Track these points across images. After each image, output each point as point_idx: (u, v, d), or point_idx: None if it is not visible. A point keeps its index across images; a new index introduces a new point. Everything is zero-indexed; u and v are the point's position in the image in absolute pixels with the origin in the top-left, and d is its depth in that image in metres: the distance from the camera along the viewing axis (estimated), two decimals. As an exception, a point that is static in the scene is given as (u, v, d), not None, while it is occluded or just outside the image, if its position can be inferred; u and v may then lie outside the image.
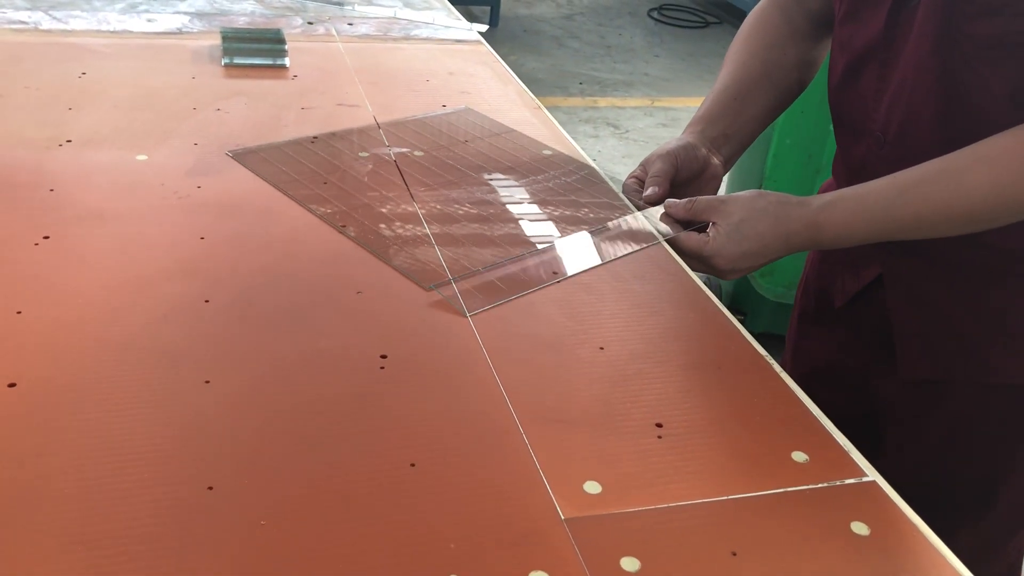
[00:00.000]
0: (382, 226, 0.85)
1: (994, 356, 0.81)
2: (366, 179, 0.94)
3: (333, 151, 0.99)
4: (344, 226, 0.84)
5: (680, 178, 0.93)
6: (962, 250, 0.79)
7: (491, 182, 0.96)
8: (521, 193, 0.95)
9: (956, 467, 0.84)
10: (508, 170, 0.99)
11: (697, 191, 0.93)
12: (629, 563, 0.52)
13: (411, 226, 0.85)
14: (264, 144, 0.99)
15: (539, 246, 0.84)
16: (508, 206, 0.91)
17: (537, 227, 0.88)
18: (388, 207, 0.89)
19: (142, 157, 0.94)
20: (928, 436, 0.85)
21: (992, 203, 0.73)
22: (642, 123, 3.78)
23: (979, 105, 0.73)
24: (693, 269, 0.83)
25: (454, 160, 1.00)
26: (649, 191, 0.90)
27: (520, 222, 0.89)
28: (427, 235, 0.84)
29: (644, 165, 0.94)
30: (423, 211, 0.88)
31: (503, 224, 0.88)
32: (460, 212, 0.89)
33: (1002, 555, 0.87)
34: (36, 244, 0.77)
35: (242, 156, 0.96)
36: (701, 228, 0.85)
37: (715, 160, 0.95)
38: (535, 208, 0.92)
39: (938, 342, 0.83)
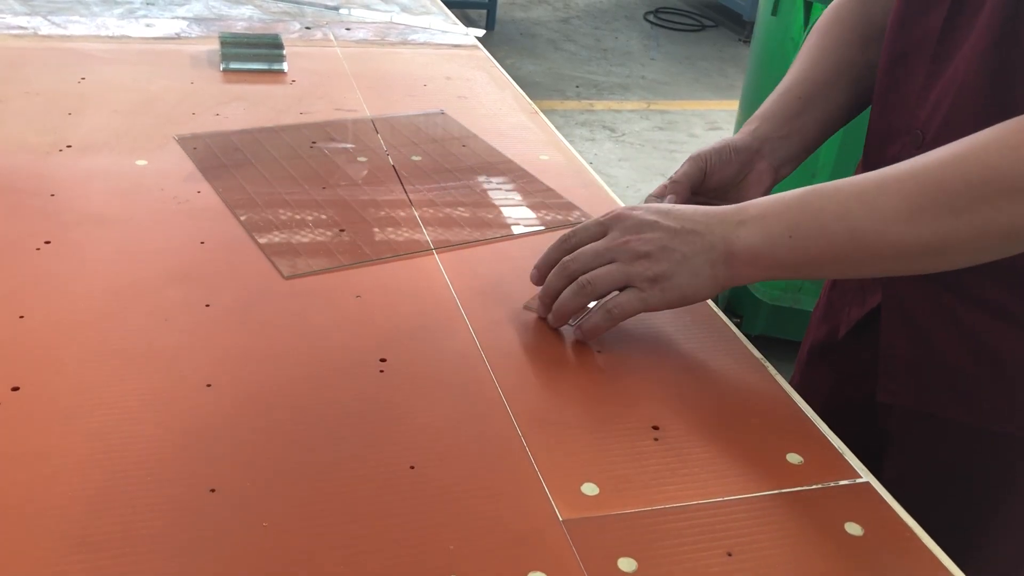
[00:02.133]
0: (376, 230, 0.85)
1: (986, 398, 0.75)
2: (362, 190, 0.94)
3: (329, 158, 1.00)
4: (342, 230, 0.85)
5: (712, 183, 0.84)
6: (978, 285, 0.73)
7: (486, 187, 0.97)
8: (515, 196, 0.95)
9: (943, 513, 0.78)
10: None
11: (738, 197, 0.82)
12: (626, 563, 0.52)
13: (407, 230, 0.86)
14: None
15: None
16: (502, 209, 0.92)
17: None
18: (385, 211, 0.89)
19: (142, 162, 0.95)
20: (921, 475, 0.81)
21: (901, 241, 0.63)
22: (639, 126, 3.80)
23: None
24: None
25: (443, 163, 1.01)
26: (667, 200, 0.80)
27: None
28: (417, 221, 0.85)
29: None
30: (421, 217, 0.89)
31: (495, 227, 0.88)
32: (455, 215, 0.90)
33: None
34: (37, 249, 0.78)
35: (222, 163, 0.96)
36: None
37: (762, 164, 0.85)
38: (528, 211, 0.93)
39: (926, 373, 0.78)
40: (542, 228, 0.89)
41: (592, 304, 0.71)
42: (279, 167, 0.96)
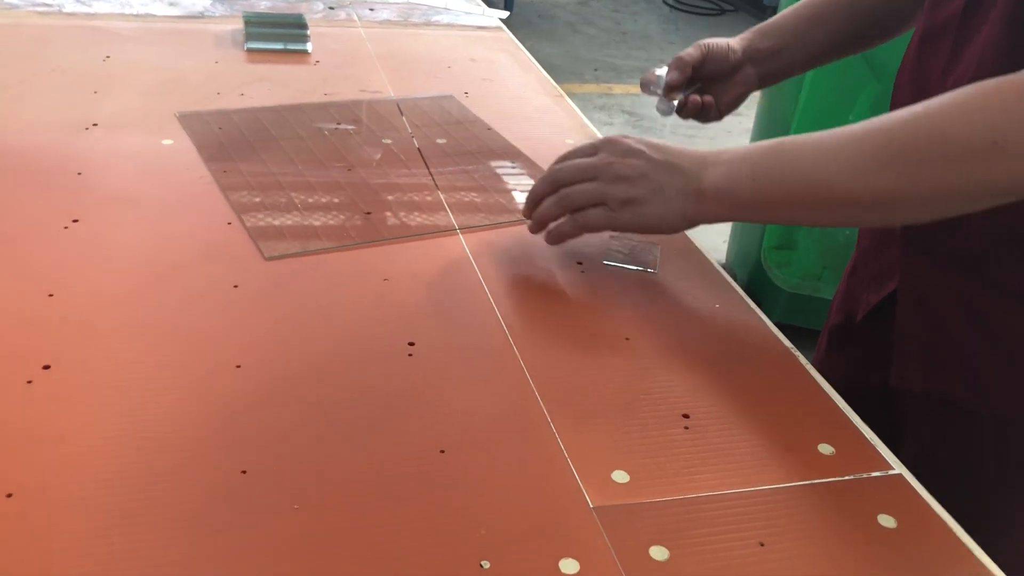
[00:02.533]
0: (401, 213, 0.85)
1: (998, 383, 0.75)
2: (386, 173, 0.94)
3: (353, 140, 1.00)
4: (368, 213, 0.85)
5: (707, 70, 0.92)
6: (995, 269, 0.74)
7: (509, 173, 0.96)
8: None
9: (959, 500, 0.80)
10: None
11: (721, 92, 0.94)
12: (658, 552, 0.52)
13: (432, 214, 0.86)
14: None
15: None
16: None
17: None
18: (407, 197, 0.89)
19: (168, 142, 0.95)
20: (937, 462, 0.81)
21: (847, 192, 0.65)
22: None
23: None
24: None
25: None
26: (673, 75, 0.90)
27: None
28: (451, 225, 0.84)
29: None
30: (446, 201, 0.89)
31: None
32: (479, 201, 0.89)
33: None
34: (66, 227, 0.78)
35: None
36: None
37: (749, 69, 0.94)
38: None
39: (939, 357, 0.78)
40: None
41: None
42: (302, 147, 0.96)
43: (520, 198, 0.91)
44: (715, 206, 0.72)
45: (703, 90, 0.95)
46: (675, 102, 0.91)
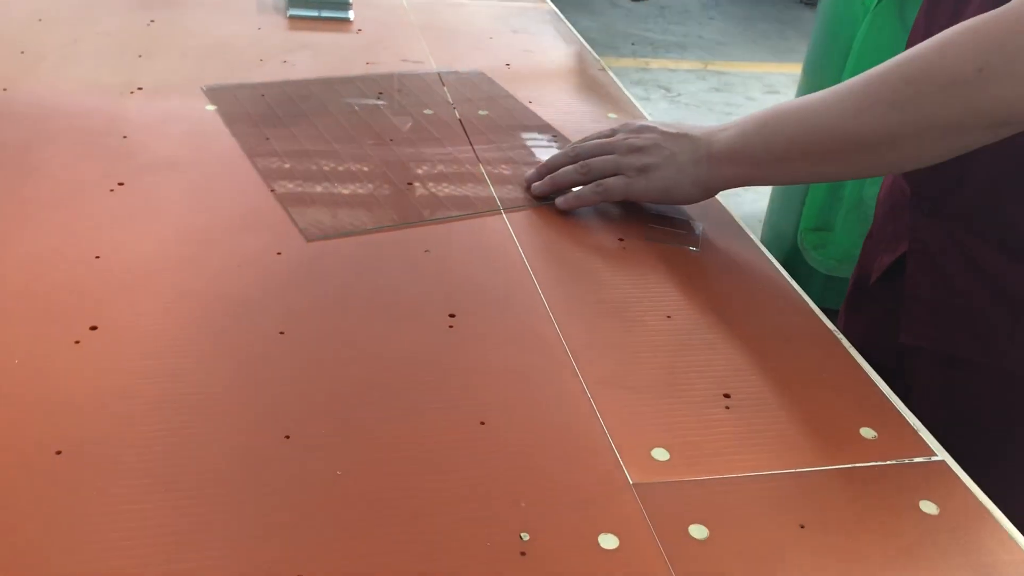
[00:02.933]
0: (444, 186, 0.85)
1: (1003, 338, 0.78)
2: (428, 144, 0.94)
3: (395, 110, 0.99)
4: (410, 183, 0.85)
5: None
6: (997, 226, 0.76)
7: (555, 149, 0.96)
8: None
9: (966, 459, 0.81)
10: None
11: None
12: (697, 531, 0.52)
13: (471, 186, 0.86)
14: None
15: None
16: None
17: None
18: (450, 169, 0.89)
19: (211, 107, 0.95)
20: (946, 420, 0.82)
21: (850, 135, 0.68)
22: (694, 87, 3.74)
23: None
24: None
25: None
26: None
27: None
28: (492, 199, 0.84)
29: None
30: (488, 174, 0.88)
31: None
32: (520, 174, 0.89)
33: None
34: (111, 191, 0.79)
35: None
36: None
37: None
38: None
39: (946, 315, 0.80)
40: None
41: None
42: (338, 122, 0.96)
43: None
44: (728, 167, 0.76)
45: None
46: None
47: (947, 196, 0.80)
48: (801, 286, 0.77)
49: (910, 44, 0.82)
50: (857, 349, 0.69)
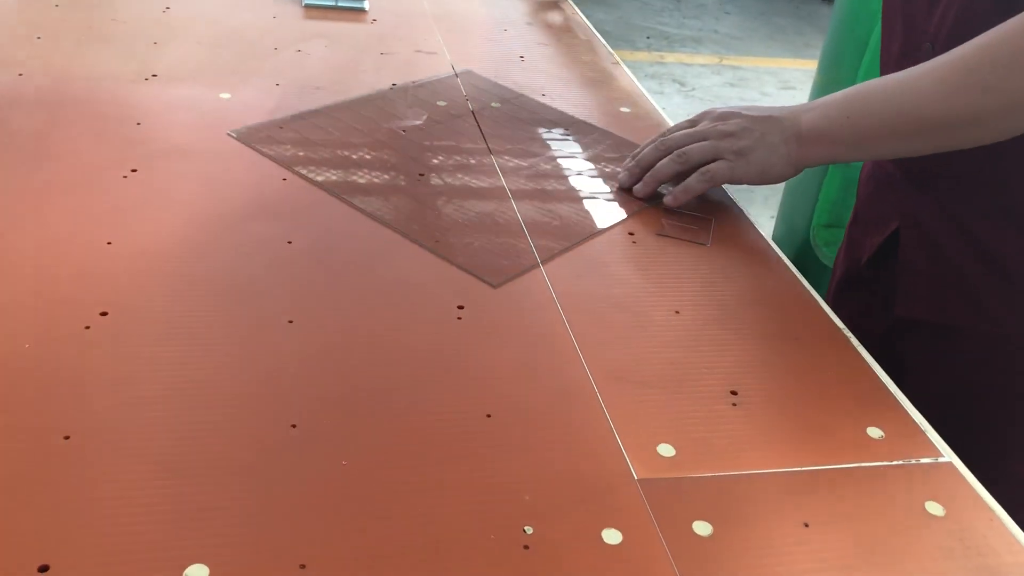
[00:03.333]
0: (456, 184, 0.85)
1: (995, 304, 0.79)
2: (440, 137, 0.94)
3: (409, 102, 0.99)
4: (421, 175, 0.85)
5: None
6: (982, 200, 0.77)
7: (565, 144, 0.95)
8: (591, 153, 0.94)
9: (960, 430, 0.81)
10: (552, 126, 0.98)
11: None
12: (702, 527, 0.52)
13: (487, 177, 0.86)
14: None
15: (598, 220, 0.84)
16: (578, 165, 0.91)
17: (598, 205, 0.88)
18: (460, 160, 0.89)
19: (225, 95, 0.95)
20: (938, 391, 0.82)
21: (939, 116, 0.70)
22: (709, 81, 3.72)
23: None
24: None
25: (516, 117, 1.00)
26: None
27: (581, 194, 0.88)
28: (508, 198, 0.84)
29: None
30: (500, 166, 0.88)
31: (576, 183, 0.87)
32: (535, 170, 0.89)
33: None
34: (124, 177, 0.79)
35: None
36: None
37: None
38: (604, 166, 0.91)
39: (941, 285, 0.81)
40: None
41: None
42: (357, 110, 0.96)
43: (570, 165, 0.90)
44: (816, 147, 0.79)
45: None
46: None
47: (938, 168, 0.80)
48: (813, 283, 0.77)
49: (889, 8, 0.84)
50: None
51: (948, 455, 0.60)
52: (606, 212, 0.83)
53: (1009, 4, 0.70)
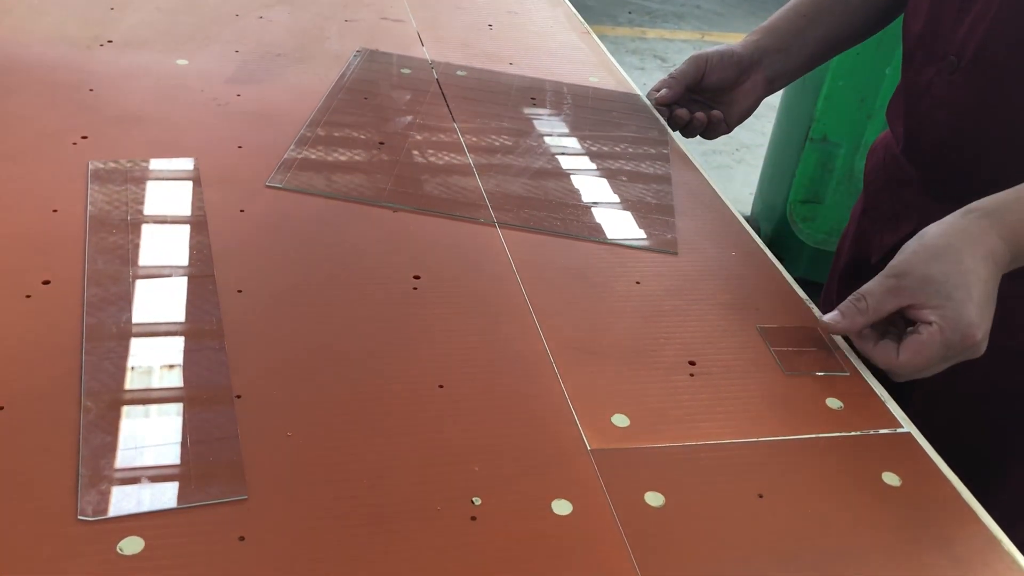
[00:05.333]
0: (415, 152, 0.83)
1: (1018, 316, 0.74)
2: (404, 105, 0.92)
3: (373, 69, 0.97)
4: (382, 143, 0.83)
5: (708, 84, 0.93)
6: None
7: (531, 113, 0.94)
8: (561, 125, 0.92)
9: (973, 434, 0.80)
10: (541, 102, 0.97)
11: (730, 103, 0.93)
12: (653, 498, 0.51)
13: (449, 154, 0.84)
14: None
15: (587, 205, 0.82)
16: (546, 138, 0.89)
17: (580, 180, 0.85)
18: (425, 134, 0.87)
19: (182, 61, 0.93)
20: (951, 399, 0.82)
21: None
22: (690, 57, 3.69)
23: None
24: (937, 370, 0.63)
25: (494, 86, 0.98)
26: (661, 92, 0.92)
27: (558, 158, 0.87)
28: (468, 164, 0.82)
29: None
30: (464, 140, 0.86)
31: (540, 158, 0.86)
32: (498, 143, 0.87)
33: (1019, 529, 0.81)
34: (74, 144, 0.77)
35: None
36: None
37: (758, 75, 0.93)
38: (574, 142, 0.89)
39: None
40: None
41: None
42: (388, 99, 0.93)
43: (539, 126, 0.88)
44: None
45: (710, 104, 0.94)
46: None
47: (959, 179, 0.77)
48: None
49: (913, 15, 0.81)
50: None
51: (907, 426, 0.59)
52: (568, 190, 0.81)
53: None
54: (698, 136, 0.95)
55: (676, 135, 0.94)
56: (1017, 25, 0.70)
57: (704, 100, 0.94)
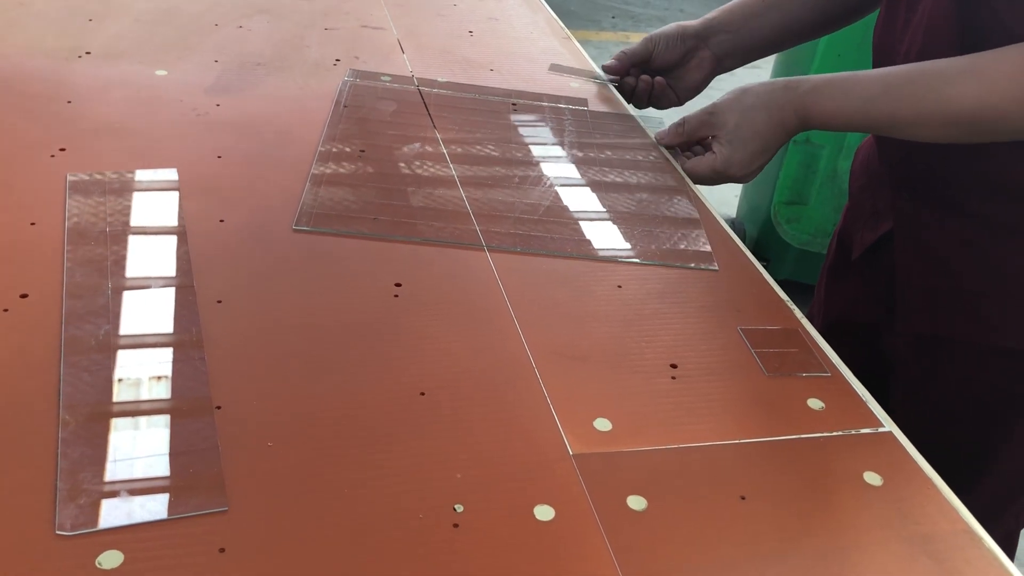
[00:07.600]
0: (402, 165, 0.83)
1: (995, 315, 0.77)
2: (389, 117, 0.92)
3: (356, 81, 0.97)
4: (363, 151, 0.83)
5: (657, 63, 0.99)
6: (979, 204, 0.76)
7: (516, 120, 0.94)
8: (545, 132, 0.92)
9: (952, 431, 0.82)
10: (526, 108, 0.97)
11: (677, 79, 0.99)
12: (636, 502, 0.51)
13: (433, 164, 0.84)
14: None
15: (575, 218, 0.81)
16: (532, 147, 0.89)
17: (569, 191, 0.85)
18: (408, 145, 0.87)
19: (161, 72, 0.92)
20: (930, 396, 0.83)
21: (972, 117, 0.70)
22: (674, 61, 3.70)
23: (995, 41, 0.70)
24: (711, 184, 0.85)
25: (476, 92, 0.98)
26: (608, 63, 1.00)
27: (542, 166, 0.87)
28: (451, 176, 0.82)
29: None
30: (447, 150, 0.86)
31: (527, 168, 0.86)
32: (483, 153, 0.87)
33: (998, 525, 0.83)
34: (52, 156, 0.76)
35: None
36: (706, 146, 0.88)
37: (706, 52, 0.97)
38: (559, 151, 0.89)
39: (940, 297, 0.80)
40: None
41: None
42: (372, 111, 0.92)
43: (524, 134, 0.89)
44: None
45: (656, 75, 1.00)
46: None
47: (927, 180, 0.79)
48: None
49: (878, 23, 0.83)
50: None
51: (888, 425, 0.60)
52: (541, 194, 0.81)
53: (968, 39, 0.71)
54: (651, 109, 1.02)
55: (631, 107, 1.00)
56: (951, 36, 0.73)
57: (652, 75, 1.00)
